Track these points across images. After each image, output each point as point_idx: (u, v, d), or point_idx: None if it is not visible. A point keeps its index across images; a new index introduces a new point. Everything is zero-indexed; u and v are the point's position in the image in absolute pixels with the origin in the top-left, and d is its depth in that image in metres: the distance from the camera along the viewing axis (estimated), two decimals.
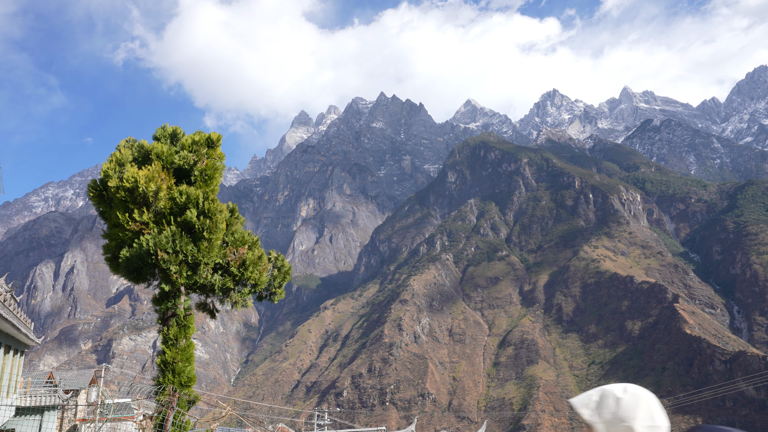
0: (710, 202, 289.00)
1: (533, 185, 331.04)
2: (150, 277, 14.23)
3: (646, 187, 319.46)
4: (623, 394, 2.81)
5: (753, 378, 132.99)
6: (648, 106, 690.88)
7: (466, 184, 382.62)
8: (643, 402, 2.78)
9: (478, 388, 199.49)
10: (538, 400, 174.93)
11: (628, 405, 2.75)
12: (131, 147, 15.09)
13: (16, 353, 31.84)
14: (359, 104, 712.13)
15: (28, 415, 33.31)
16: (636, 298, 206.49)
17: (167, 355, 14.10)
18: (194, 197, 13.79)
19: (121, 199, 13.79)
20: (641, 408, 2.75)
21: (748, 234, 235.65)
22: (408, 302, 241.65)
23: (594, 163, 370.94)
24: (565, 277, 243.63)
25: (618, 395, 2.80)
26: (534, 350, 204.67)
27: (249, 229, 18.15)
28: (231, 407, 16.49)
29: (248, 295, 15.32)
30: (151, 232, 13.52)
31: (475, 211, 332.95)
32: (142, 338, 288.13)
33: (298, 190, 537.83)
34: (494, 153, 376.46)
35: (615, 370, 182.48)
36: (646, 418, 2.72)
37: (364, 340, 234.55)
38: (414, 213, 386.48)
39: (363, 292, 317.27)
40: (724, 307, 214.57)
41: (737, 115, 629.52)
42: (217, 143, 15.52)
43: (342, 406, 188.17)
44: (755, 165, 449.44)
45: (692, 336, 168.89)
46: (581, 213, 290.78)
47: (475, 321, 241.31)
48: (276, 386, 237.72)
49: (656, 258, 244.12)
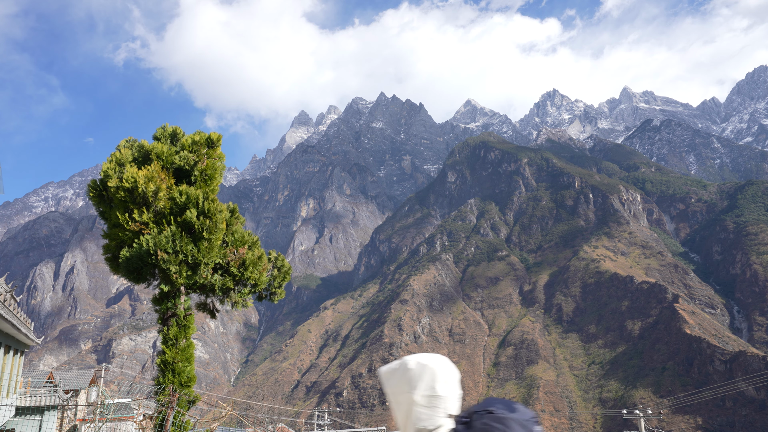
0: (710, 202, 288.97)
1: (533, 185, 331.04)
2: (150, 277, 14.22)
3: (646, 187, 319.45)
4: (414, 365, 2.82)
5: (753, 378, 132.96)
6: (648, 106, 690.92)
7: (466, 184, 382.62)
8: (428, 373, 2.78)
9: (478, 388, 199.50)
10: (538, 400, 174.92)
11: (413, 375, 2.78)
12: (131, 147, 15.09)
13: (16, 353, 31.85)
14: (359, 104, 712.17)
15: (28, 415, 33.32)
16: (636, 298, 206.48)
17: (167, 355, 14.10)
18: (194, 197, 13.79)
19: (121, 199, 13.79)
20: (424, 379, 2.76)
21: (748, 234, 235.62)
22: (408, 302, 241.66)
23: (594, 163, 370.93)
24: (565, 277, 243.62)
25: (410, 366, 2.82)
26: (534, 350, 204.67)
27: (249, 229, 18.15)
28: (231, 407, 16.48)
29: (248, 295, 15.31)
30: (151, 232, 13.52)
31: (475, 211, 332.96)
32: (142, 338, 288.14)
33: (298, 190, 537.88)
34: (494, 153, 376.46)
35: (615, 370, 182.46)
36: (426, 388, 2.75)
37: (364, 340, 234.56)
38: (414, 213, 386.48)
39: (363, 292, 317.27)
40: (724, 307, 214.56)
41: (737, 115, 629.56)
42: (217, 143, 15.52)
43: (342, 406, 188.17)
44: (755, 165, 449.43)
45: (692, 336, 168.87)
46: (581, 213, 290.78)
47: (475, 321, 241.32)
48: (276, 386, 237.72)
49: (656, 258, 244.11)
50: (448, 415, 2.73)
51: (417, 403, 2.74)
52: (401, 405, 2.82)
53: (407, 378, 2.79)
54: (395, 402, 2.87)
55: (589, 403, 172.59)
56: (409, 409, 2.77)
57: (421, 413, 2.74)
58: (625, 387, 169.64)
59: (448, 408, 2.76)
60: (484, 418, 2.55)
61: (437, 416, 2.73)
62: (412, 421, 2.74)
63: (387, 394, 2.94)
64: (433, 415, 2.73)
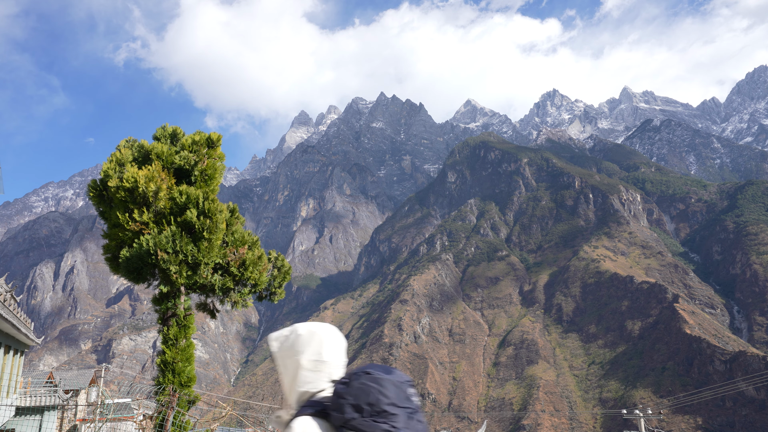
0: (710, 202, 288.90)
1: (533, 185, 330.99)
2: (150, 277, 14.21)
3: (646, 187, 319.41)
4: (304, 331, 2.95)
5: (753, 378, 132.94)
6: (648, 106, 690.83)
7: (466, 184, 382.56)
8: (317, 339, 2.92)
9: (478, 388, 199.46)
10: (538, 400, 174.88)
11: (302, 341, 2.90)
12: (131, 147, 15.08)
13: (16, 353, 31.84)
14: (359, 104, 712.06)
15: (28, 415, 33.32)
16: (636, 298, 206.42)
17: (167, 355, 14.09)
18: (194, 197, 13.78)
19: (121, 199, 13.77)
20: (312, 344, 2.89)
21: (748, 234, 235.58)
22: (408, 302, 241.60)
23: (594, 163, 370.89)
24: (565, 277, 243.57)
25: (300, 332, 2.94)
26: (534, 350, 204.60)
27: (249, 229, 18.14)
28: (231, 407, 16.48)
29: (248, 295, 15.30)
30: (151, 232, 13.51)
31: (475, 211, 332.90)
32: (142, 338, 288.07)
33: (298, 190, 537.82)
34: (494, 153, 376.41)
35: (615, 370, 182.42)
36: (313, 353, 2.87)
37: (364, 340, 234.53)
38: (414, 213, 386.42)
39: (363, 292, 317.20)
40: (724, 307, 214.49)
41: (737, 115, 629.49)
42: (217, 143, 15.51)
43: None
44: (755, 165, 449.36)
45: (692, 336, 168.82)
46: (581, 213, 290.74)
47: (475, 321, 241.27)
48: (276, 386, 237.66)
49: (656, 258, 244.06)
50: (331, 380, 2.87)
51: (303, 367, 2.86)
52: (288, 369, 2.93)
53: (297, 343, 2.91)
54: (282, 366, 2.96)
55: (589, 403, 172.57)
56: (296, 373, 2.88)
57: (306, 377, 2.86)
58: (625, 387, 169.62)
59: (332, 373, 2.89)
60: (362, 378, 2.70)
61: (321, 380, 2.86)
62: (297, 384, 2.87)
63: (275, 359, 3.02)
64: (317, 379, 2.86)
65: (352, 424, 2.58)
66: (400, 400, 2.67)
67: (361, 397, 2.64)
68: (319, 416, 2.73)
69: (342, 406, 2.65)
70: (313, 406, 2.78)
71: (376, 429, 2.56)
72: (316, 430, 2.66)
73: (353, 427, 2.58)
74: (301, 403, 2.84)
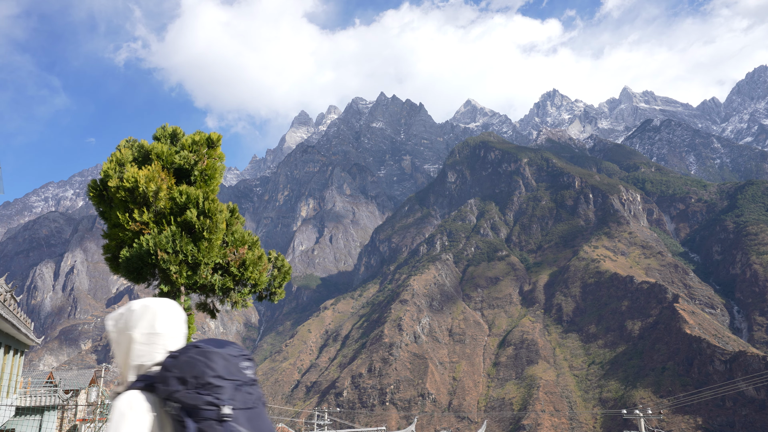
0: (710, 202, 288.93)
1: (533, 185, 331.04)
2: (150, 277, 14.20)
3: (646, 187, 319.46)
4: (137, 306, 2.96)
5: (753, 378, 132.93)
6: (648, 106, 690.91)
7: (466, 184, 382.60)
8: (149, 313, 2.92)
9: (478, 388, 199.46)
10: (538, 400, 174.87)
11: (136, 316, 2.91)
12: (131, 147, 15.08)
13: (16, 353, 31.83)
14: (359, 104, 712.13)
15: (28, 415, 33.31)
16: (636, 298, 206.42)
17: None
18: (194, 197, 13.78)
19: (121, 199, 13.78)
20: (145, 318, 2.90)
21: (748, 234, 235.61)
22: (408, 302, 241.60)
23: (594, 163, 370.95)
24: (565, 277, 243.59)
25: (133, 308, 2.96)
26: (534, 350, 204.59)
27: (249, 229, 18.14)
28: None
29: (248, 295, 15.29)
30: (151, 232, 13.51)
31: (475, 211, 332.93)
32: None
33: (298, 190, 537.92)
34: (494, 153, 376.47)
35: (615, 370, 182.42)
36: (146, 326, 2.88)
37: (364, 340, 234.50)
38: (414, 213, 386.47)
39: (363, 292, 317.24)
40: (724, 307, 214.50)
41: (737, 115, 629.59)
42: (218, 143, 15.51)
43: (342, 406, 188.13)
44: (755, 165, 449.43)
45: (692, 336, 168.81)
46: (581, 213, 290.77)
47: (475, 321, 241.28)
48: (276, 386, 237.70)
49: (656, 258, 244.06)
50: (167, 351, 2.86)
51: (136, 341, 2.87)
52: (121, 344, 2.93)
53: (130, 318, 2.93)
54: (116, 342, 2.95)
55: (589, 403, 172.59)
56: (129, 347, 2.89)
57: (140, 350, 2.87)
58: (625, 387, 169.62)
59: (167, 345, 2.90)
60: (190, 351, 2.71)
61: (155, 353, 2.87)
62: (131, 358, 2.87)
63: (110, 338, 3.01)
64: (152, 351, 2.87)
65: (175, 396, 2.60)
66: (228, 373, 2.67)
67: (187, 369, 2.64)
68: (147, 390, 2.73)
69: (167, 378, 2.66)
70: (142, 380, 2.76)
71: (198, 400, 2.58)
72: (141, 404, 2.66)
73: (177, 399, 2.60)
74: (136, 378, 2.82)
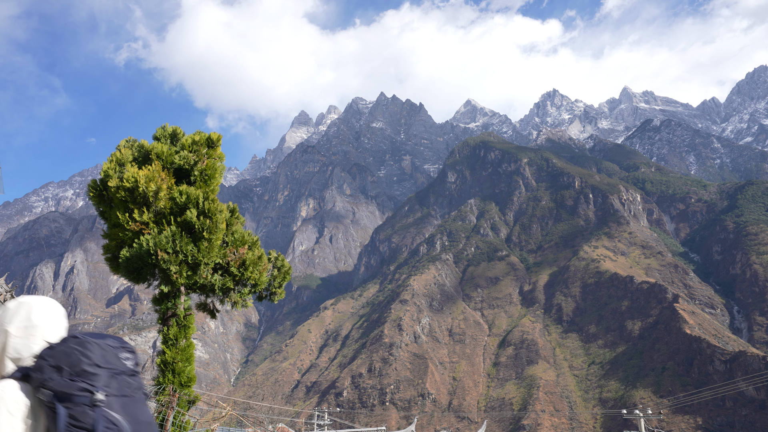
0: (710, 202, 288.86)
1: (533, 185, 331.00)
2: (150, 277, 14.19)
3: (646, 187, 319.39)
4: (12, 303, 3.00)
5: (753, 378, 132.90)
6: (648, 106, 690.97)
7: (466, 184, 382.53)
8: (25, 307, 2.97)
9: (478, 388, 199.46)
10: (538, 400, 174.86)
11: (10, 312, 2.96)
12: (131, 147, 15.07)
13: None
14: (359, 104, 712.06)
15: None
16: (636, 298, 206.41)
17: (167, 355, 14.08)
18: (194, 197, 13.77)
19: (121, 199, 13.77)
20: (20, 313, 2.95)
21: (748, 234, 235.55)
22: (408, 302, 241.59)
23: (594, 163, 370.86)
24: (565, 277, 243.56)
25: (9, 306, 2.99)
26: (534, 350, 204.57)
27: (249, 229, 18.14)
28: (231, 407, 16.47)
29: (248, 295, 15.28)
30: (151, 232, 13.50)
31: (475, 211, 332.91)
32: (142, 338, 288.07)
33: (298, 190, 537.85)
34: (494, 153, 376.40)
35: (615, 370, 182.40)
36: (21, 320, 2.92)
37: (364, 340, 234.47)
38: (414, 213, 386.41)
39: (363, 292, 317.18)
40: (724, 307, 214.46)
41: (737, 115, 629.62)
42: (218, 143, 15.50)
43: (342, 406, 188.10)
44: (755, 165, 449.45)
45: (692, 336, 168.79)
46: (581, 213, 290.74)
47: (475, 321, 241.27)
48: (276, 386, 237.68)
49: (656, 258, 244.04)
50: (46, 343, 2.91)
51: (12, 335, 2.91)
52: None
53: (5, 316, 2.97)
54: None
55: (589, 403, 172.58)
56: (5, 341, 2.92)
57: (16, 343, 2.91)
58: (625, 387, 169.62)
59: (45, 336, 2.94)
60: (68, 342, 2.79)
61: (34, 345, 2.91)
62: (8, 352, 2.90)
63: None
64: (29, 344, 2.91)
65: (48, 385, 2.65)
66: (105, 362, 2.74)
67: (62, 358, 2.69)
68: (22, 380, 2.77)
69: (42, 367, 2.71)
70: (20, 371, 2.81)
71: (71, 387, 2.62)
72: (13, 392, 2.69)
73: (50, 387, 2.65)
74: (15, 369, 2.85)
